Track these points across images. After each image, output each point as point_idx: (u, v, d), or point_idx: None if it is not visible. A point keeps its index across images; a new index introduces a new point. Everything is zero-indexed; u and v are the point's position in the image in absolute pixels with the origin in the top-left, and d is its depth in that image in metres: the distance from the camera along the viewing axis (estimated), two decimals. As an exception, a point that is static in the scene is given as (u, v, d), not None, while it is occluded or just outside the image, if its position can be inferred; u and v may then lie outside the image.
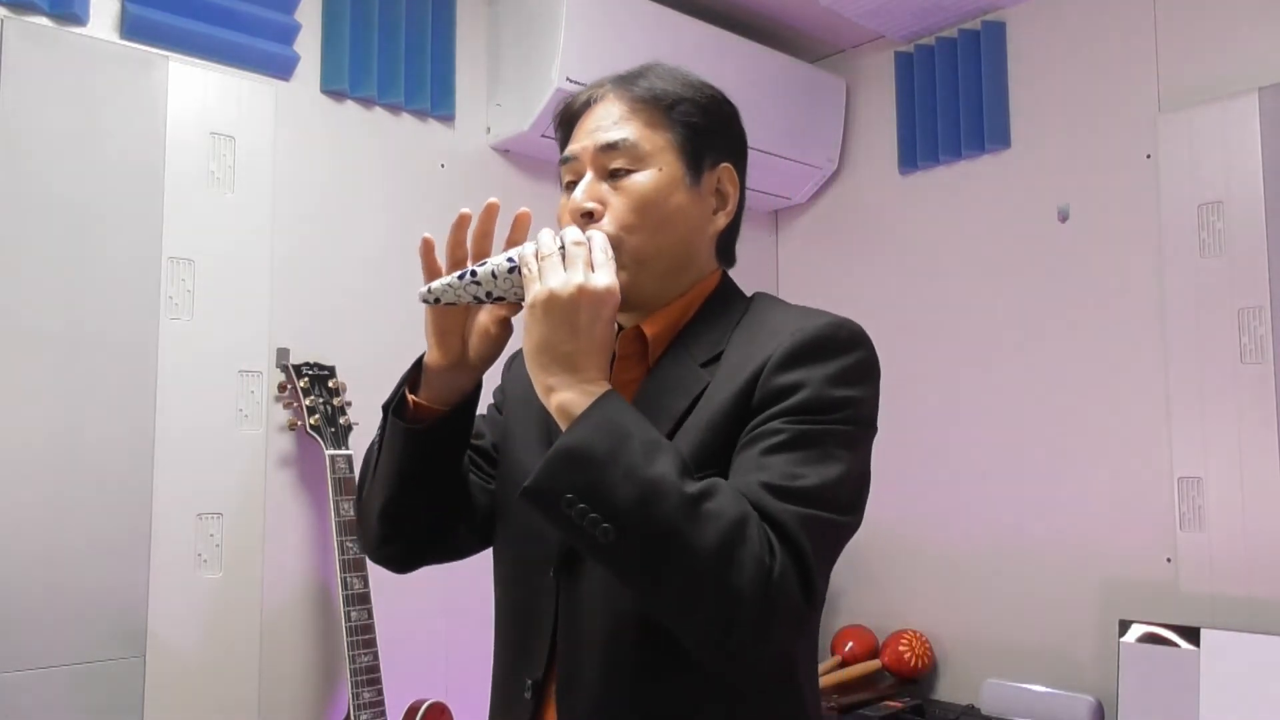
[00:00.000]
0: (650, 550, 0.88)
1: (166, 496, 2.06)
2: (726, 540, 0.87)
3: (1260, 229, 2.25)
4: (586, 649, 1.02)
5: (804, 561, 0.91)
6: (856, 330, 1.05)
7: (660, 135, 1.09)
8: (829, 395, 0.99)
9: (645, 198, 1.07)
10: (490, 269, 1.04)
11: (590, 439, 0.91)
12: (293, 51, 2.33)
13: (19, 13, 1.98)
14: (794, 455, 0.95)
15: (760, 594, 0.87)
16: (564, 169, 1.13)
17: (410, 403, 1.12)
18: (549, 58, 2.46)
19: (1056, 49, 2.69)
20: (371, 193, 2.46)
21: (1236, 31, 2.36)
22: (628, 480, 0.88)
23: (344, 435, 2.21)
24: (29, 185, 1.96)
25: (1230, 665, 2.16)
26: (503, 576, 1.17)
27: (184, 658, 2.06)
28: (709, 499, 0.89)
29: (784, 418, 0.97)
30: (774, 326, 1.06)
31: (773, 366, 1.00)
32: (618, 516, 0.88)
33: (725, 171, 1.14)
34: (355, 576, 2.10)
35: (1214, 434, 2.30)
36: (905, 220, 3.00)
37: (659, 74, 1.13)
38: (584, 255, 0.99)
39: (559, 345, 0.96)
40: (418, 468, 1.12)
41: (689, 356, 1.08)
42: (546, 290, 0.96)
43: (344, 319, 2.38)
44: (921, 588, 2.84)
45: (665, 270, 1.10)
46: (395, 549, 1.19)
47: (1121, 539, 2.46)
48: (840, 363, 1.01)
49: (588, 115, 1.12)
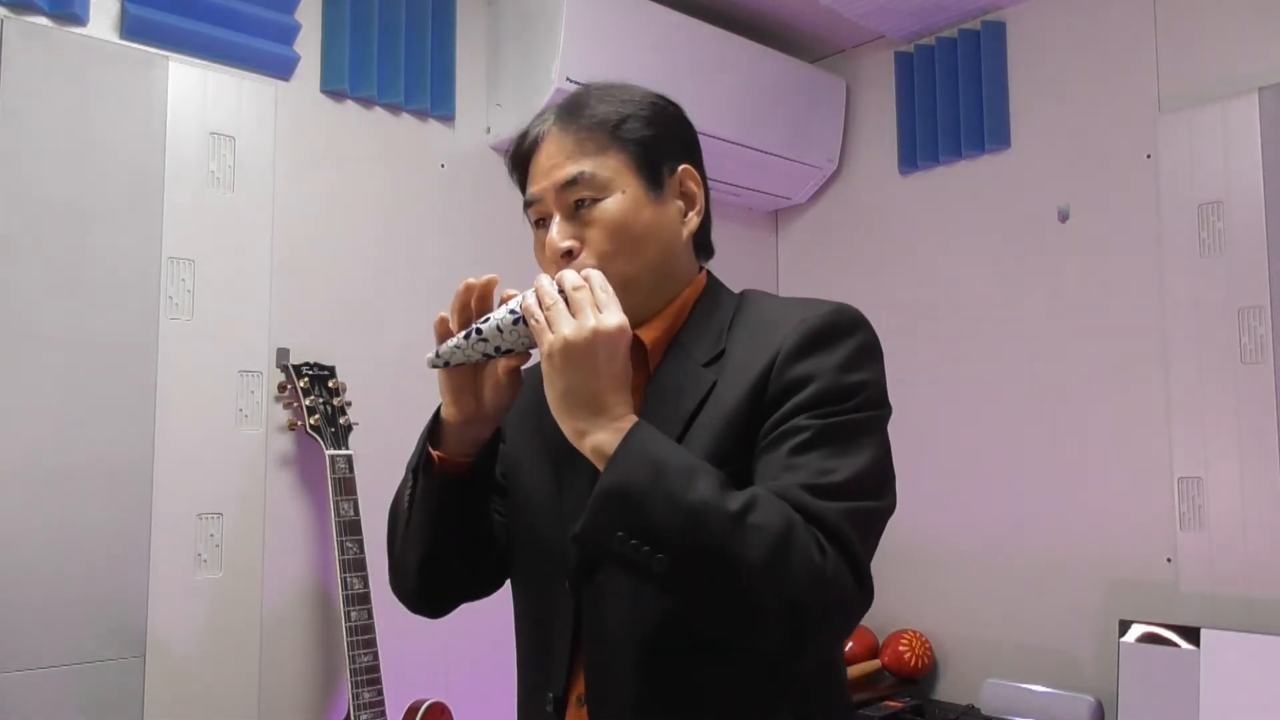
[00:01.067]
0: (705, 572, 0.91)
1: (166, 496, 2.06)
2: (777, 549, 0.89)
3: (1260, 229, 2.25)
4: (613, 659, 1.03)
5: (853, 555, 0.93)
6: (855, 314, 1.07)
7: (614, 158, 1.10)
8: (843, 383, 1.01)
9: (616, 223, 1.08)
10: (495, 324, 1.05)
11: (628, 476, 0.93)
12: (293, 51, 2.33)
13: (19, 13, 1.98)
14: (822, 451, 0.97)
15: (819, 594, 0.90)
16: (529, 211, 1.16)
17: (435, 458, 1.14)
18: (549, 58, 2.46)
19: (1056, 49, 2.69)
20: (371, 193, 2.46)
21: (1236, 31, 2.36)
22: (672, 510, 0.91)
23: (344, 435, 2.21)
24: (29, 185, 1.96)
25: (1230, 665, 2.16)
26: (520, 594, 1.19)
27: (184, 658, 2.06)
28: (752, 512, 0.91)
29: (805, 413, 0.99)
30: (774, 319, 1.07)
31: (783, 359, 1.02)
32: (668, 546, 0.90)
33: (685, 173, 1.15)
34: (355, 576, 2.10)
35: (1214, 434, 2.29)
36: (905, 220, 3.00)
37: (598, 96, 1.14)
38: (588, 298, 1.00)
39: (582, 390, 0.98)
40: (451, 519, 1.14)
41: (689, 358, 1.09)
42: (561, 339, 0.97)
43: (344, 319, 2.38)
44: (921, 588, 2.84)
45: (651, 284, 1.11)
46: (434, 598, 1.22)
47: (1121, 539, 2.46)
48: (847, 348, 1.03)
49: (538, 153, 1.14)
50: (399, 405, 2.42)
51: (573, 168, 1.10)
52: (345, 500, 2.13)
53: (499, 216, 2.63)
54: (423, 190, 2.55)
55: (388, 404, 2.40)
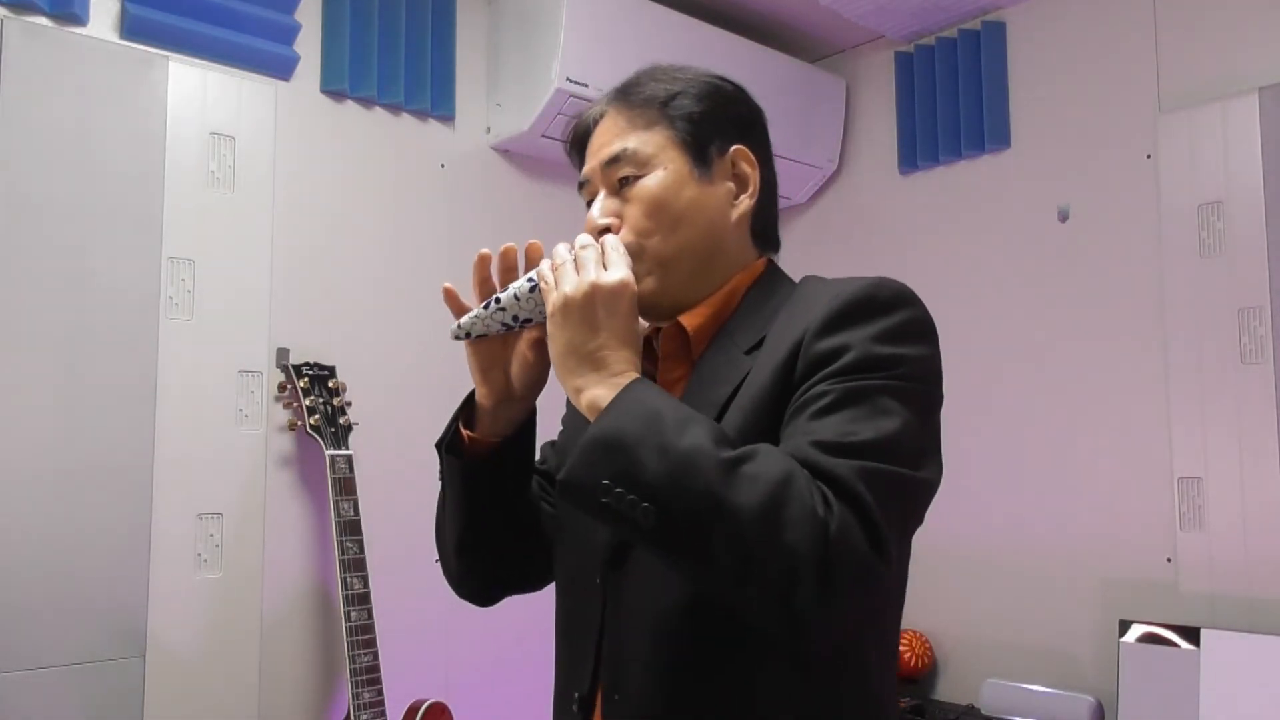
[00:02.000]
0: (693, 523, 0.85)
1: (166, 496, 2.06)
2: (772, 499, 0.82)
3: (1260, 229, 2.25)
4: (630, 657, 1.00)
5: (867, 514, 0.84)
6: (900, 288, 0.99)
7: (659, 135, 1.08)
8: (876, 353, 0.92)
9: (655, 199, 1.06)
10: (513, 293, 1.04)
11: (619, 423, 0.89)
12: (293, 51, 2.33)
13: (19, 13, 1.98)
14: (844, 414, 0.89)
15: (819, 550, 0.82)
16: (582, 193, 1.13)
17: (465, 438, 1.12)
18: (549, 58, 2.46)
19: (1056, 49, 2.69)
20: (371, 193, 2.46)
21: (1236, 31, 2.36)
22: (661, 457, 0.86)
23: (344, 435, 2.21)
24: (29, 185, 1.96)
25: (1230, 665, 2.16)
26: (558, 590, 1.16)
27: (184, 658, 2.06)
28: (747, 462, 0.85)
29: (830, 380, 0.92)
30: (814, 298, 1.01)
31: (813, 333, 0.95)
32: (655, 495, 0.85)
33: (739, 154, 1.11)
34: (355, 576, 2.10)
35: (1214, 434, 2.29)
36: (905, 220, 3.00)
37: (653, 75, 1.12)
38: (595, 255, 0.98)
39: (581, 346, 0.95)
40: (482, 500, 1.12)
41: (733, 345, 1.05)
42: (562, 296, 0.96)
43: (344, 319, 2.38)
44: (921, 588, 2.82)
45: (693, 267, 1.07)
46: (476, 583, 1.20)
47: (1121, 539, 2.46)
48: (885, 322, 0.95)
49: (593, 136, 1.12)
50: (399, 405, 2.43)
51: (617, 145, 1.08)
52: (345, 500, 2.13)
53: (499, 216, 2.63)
54: (423, 190, 2.55)
55: (388, 404, 2.40)
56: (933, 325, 0.99)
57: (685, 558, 0.88)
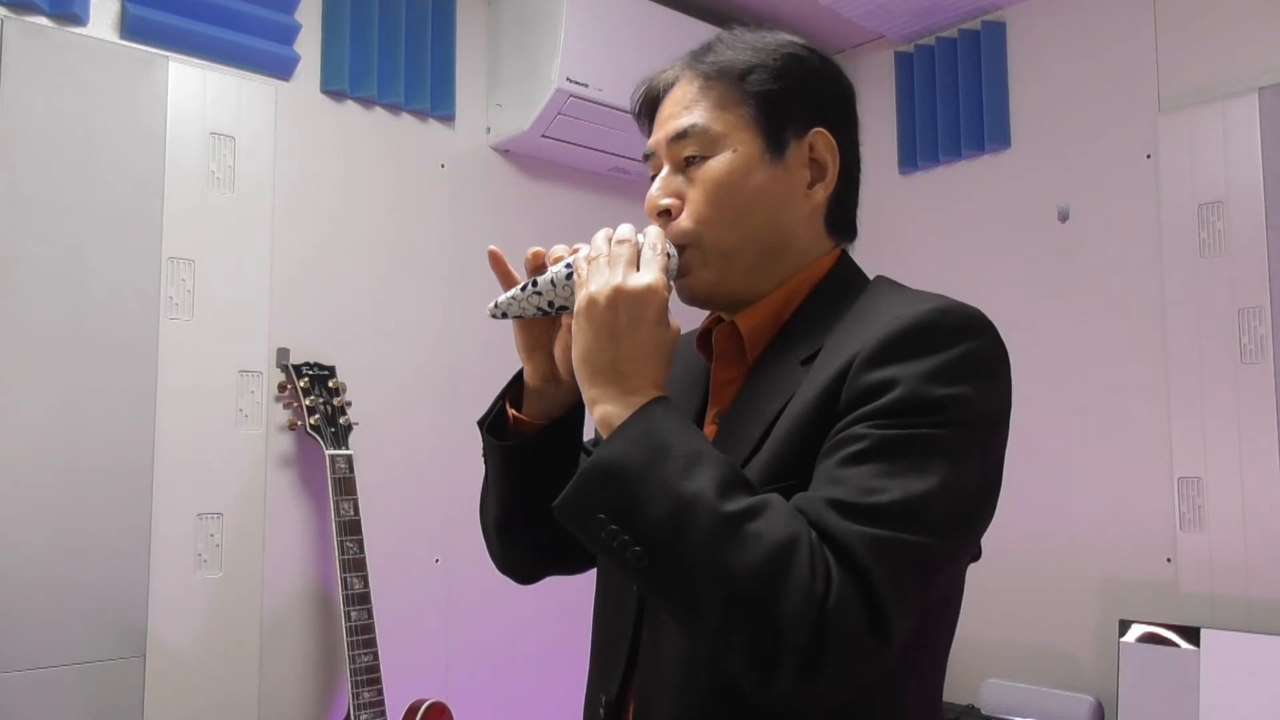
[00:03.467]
0: (684, 576, 0.79)
1: (166, 496, 2.06)
2: (769, 565, 0.76)
3: (1260, 229, 2.25)
4: (664, 674, 0.94)
5: (870, 589, 0.77)
6: (970, 315, 0.89)
7: (732, 113, 0.99)
8: (926, 394, 0.83)
9: (719, 185, 0.98)
10: (550, 278, 0.99)
11: (624, 454, 0.83)
12: (293, 51, 2.33)
13: (19, 13, 1.98)
14: (876, 466, 0.81)
15: (809, 627, 0.75)
16: (648, 165, 1.05)
17: (511, 418, 1.07)
18: (549, 58, 2.46)
19: (1056, 49, 2.69)
20: (371, 193, 2.46)
21: (1236, 31, 2.36)
22: (660, 498, 0.80)
23: (344, 435, 2.21)
24: (29, 185, 1.96)
25: (1230, 665, 2.16)
26: (598, 591, 1.11)
27: (184, 658, 2.06)
28: (753, 518, 0.78)
29: (869, 421, 0.83)
30: (876, 313, 0.92)
31: (862, 361, 0.86)
32: (648, 540, 0.80)
33: (818, 137, 1.00)
34: (355, 576, 2.10)
35: (1214, 434, 2.29)
36: (905, 220, 3.00)
37: (729, 42, 1.03)
38: (627, 254, 0.91)
39: (600, 353, 0.89)
40: (523, 482, 1.06)
41: (790, 354, 0.96)
42: (586, 295, 0.90)
43: (344, 319, 2.38)
44: (921, 588, 2.84)
45: (755, 260, 0.99)
46: (516, 561, 1.15)
47: (1121, 539, 2.46)
48: (943, 356, 0.85)
49: (664, 101, 1.04)
50: (399, 405, 2.43)
51: (686, 119, 0.99)
52: (345, 500, 2.13)
53: (499, 216, 2.63)
54: (423, 190, 2.55)
55: (388, 404, 2.40)
56: (1002, 356, 0.91)
57: (672, 608, 0.84)
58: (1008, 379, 0.91)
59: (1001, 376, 0.91)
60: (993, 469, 0.91)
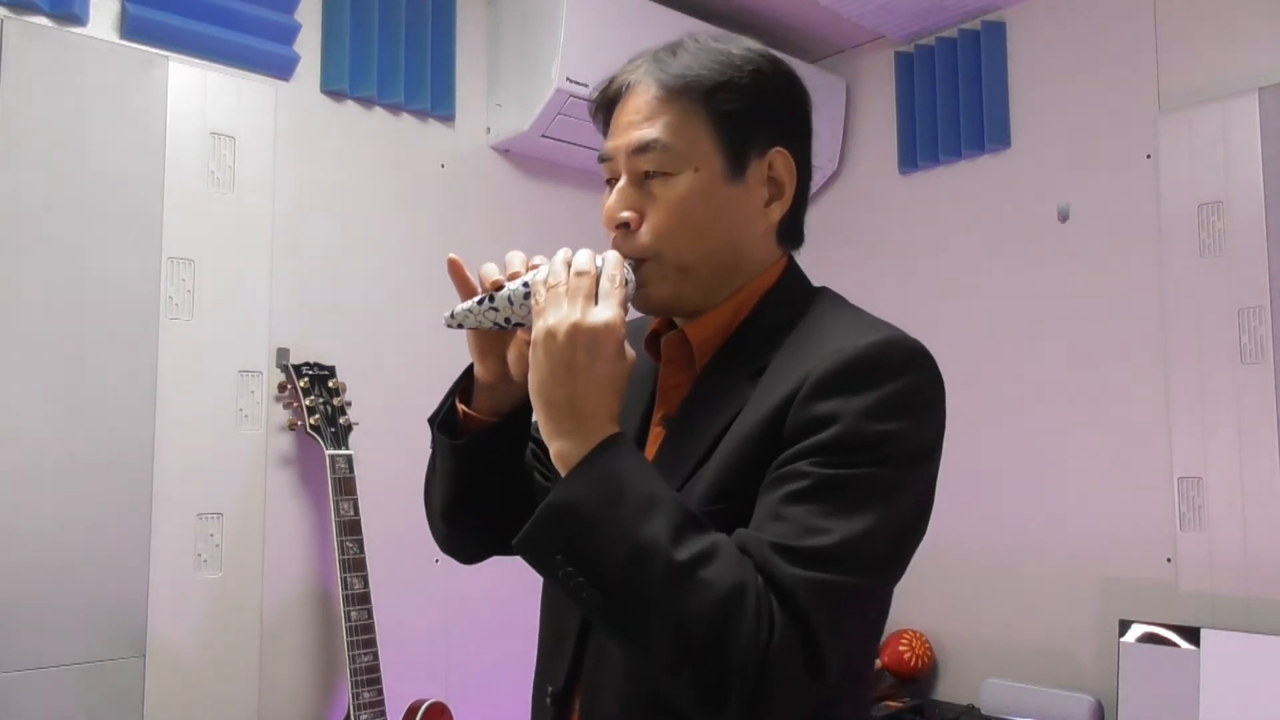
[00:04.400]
0: (636, 619, 0.83)
1: (166, 496, 2.06)
2: (719, 613, 0.81)
3: (1260, 229, 2.25)
4: (613, 662, 0.97)
5: (810, 633, 0.82)
6: (911, 349, 0.93)
7: (696, 130, 0.99)
8: (865, 431, 0.87)
9: (682, 204, 0.99)
10: (508, 294, 1.00)
11: (580, 496, 0.85)
12: (293, 51, 2.33)
13: (19, 13, 1.98)
14: (816, 506, 0.86)
15: (754, 670, 0.80)
16: (602, 167, 1.05)
17: (460, 413, 1.08)
18: (549, 58, 2.46)
19: (1056, 49, 2.69)
20: (371, 193, 2.46)
21: (1236, 31, 2.36)
22: (615, 543, 0.83)
23: (344, 435, 2.21)
24: (29, 185, 1.96)
25: (1230, 665, 2.16)
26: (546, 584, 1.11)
27: (184, 658, 2.06)
28: (703, 565, 0.82)
29: (811, 458, 0.87)
30: (821, 338, 0.95)
31: (807, 392, 0.89)
32: (603, 583, 0.83)
33: (778, 157, 1.02)
34: (355, 576, 2.10)
35: (1214, 434, 2.29)
36: (905, 220, 3.00)
37: (695, 51, 1.02)
38: (586, 287, 0.91)
39: (556, 388, 0.89)
40: (471, 475, 1.08)
41: (737, 368, 0.99)
42: (544, 328, 0.90)
43: (344, 319, 2.38)
44: (921, 588, 2.83)
45: (711, 276, 1.01)
46: (460, 544, 1.17)
47: (1121, 539, 2.46)
48: (883, 391, 0.89)
49: (622, 104, 1.03)
50: (399, 405, 2.43)
51: (649, 132, 0.99)
52: (345, 500, 2.14)
53: (499, 216, 2.63)
54: (423, 190, 2.55)
55: (388, 404, 2.40)
56: (938, 388, 0.95)
57: (622, 644, 0.88)
58: (942, 410, 0.96)
59: (936, 408, 0.95)
60: (923, 499, 0.95)
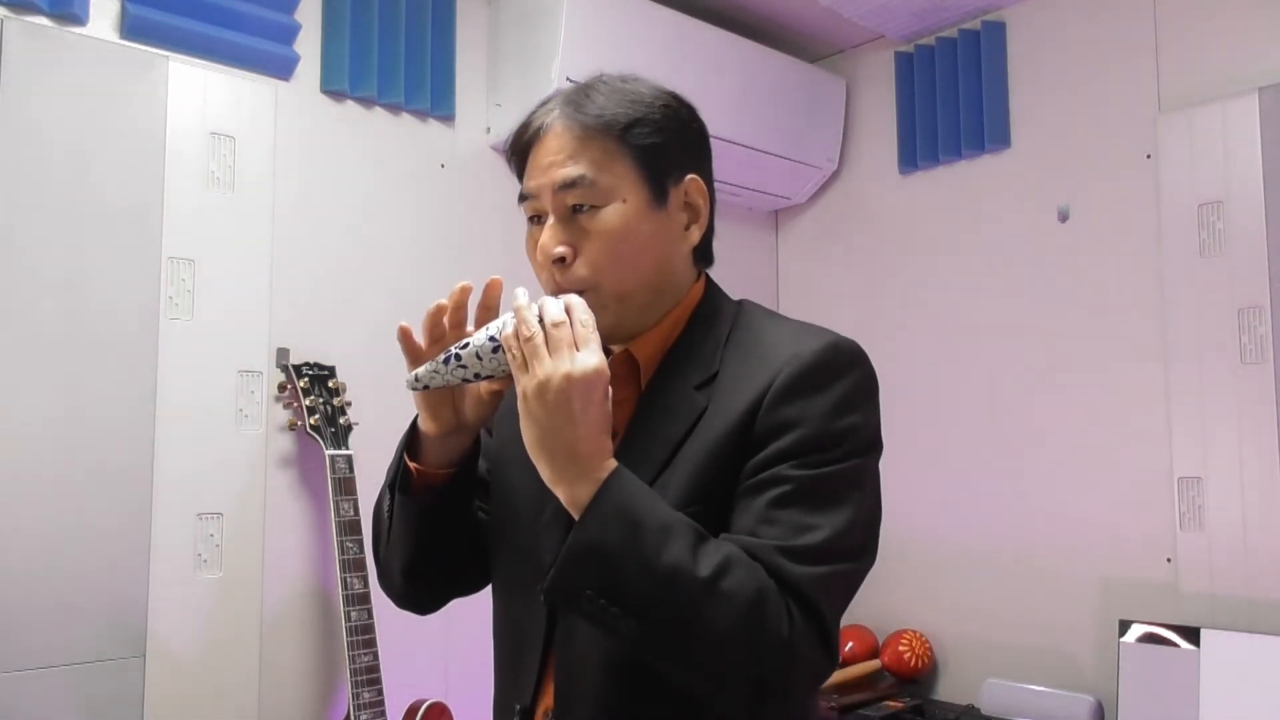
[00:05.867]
0: (673, 638, 0.90)
1: (166, 496, 2.06)
2: (746, 620, 0.89)
3: (1260, 229, 2.25)
4: (582, 671, 1.01)
5: (822, 623, 0.93)
6: (852, 349, 1.03)
7: (618, 164, 1.04)
8: (832, 429, 0.98)
9: (614, 235, 1.03)
10: (474, 350, 1.01)
11: (602, 534, 0.90)
12: (293, 51, 2.33)
13: (19, 13, 1.98)
14: (802, 507, 0.95)
15: (784, 667, 0.90)
16: (523, 206, 1.10)
17: (414, 471, 1.11)
18: (549, 58, 2.46)
19: (1056, 49, 2.69)
20: (371, 193, 2.46)
21: (1236, 31, 2.36)
22: (642, 575, 0.89)
23: (344, 435, 2.21)
24: (29, 185, 1.96)
25: (1230, 665, 2.16)
26: (497, 596, 1.16)
27: (184, 658, 2.06)
28: (724, 577, 0.89)
29: (789, 461, 0.96)
30: (767, 346, 1.04)
31: (772, 399, 0.98)
32: (637, 611, 0.89)
33: (691, 184, 1.09)
34: (355, 576, 2.10)
35: (1214, 434, 2.29)
36: (905, 220, 3.00)
37: (606, 92, 1.07)
38: (567, 336, 0.94)
39: (557, 435, 0.93)
40: (432, 530, 1.12)
41: (682, 379, 1.05)
42: (535, 381, 0.93)
43: (344, 319, 2.38)
44: (921, 588, 2.84)
45: (646, 300, 1.07)
46: (420, 597, 1.21)
47: (1121, 539, 2.46)
48: (839, 389, 0.99)
49: (539, 146, 1.07)
50: (399, 405, 2.42)
51: (573, 169, 1.03)
52: (345, 500, 2.13)
53: (499, 216, 2.63)
54: (423, 190, 2.55)
55: (388, 404, 2.39)
56: (876, 381, 1.05)
57: (662, 663, 0.94)
58: (878, 401, 1.06)
59: (876, 400, 1.05)
60: (877, 484, 1.05)
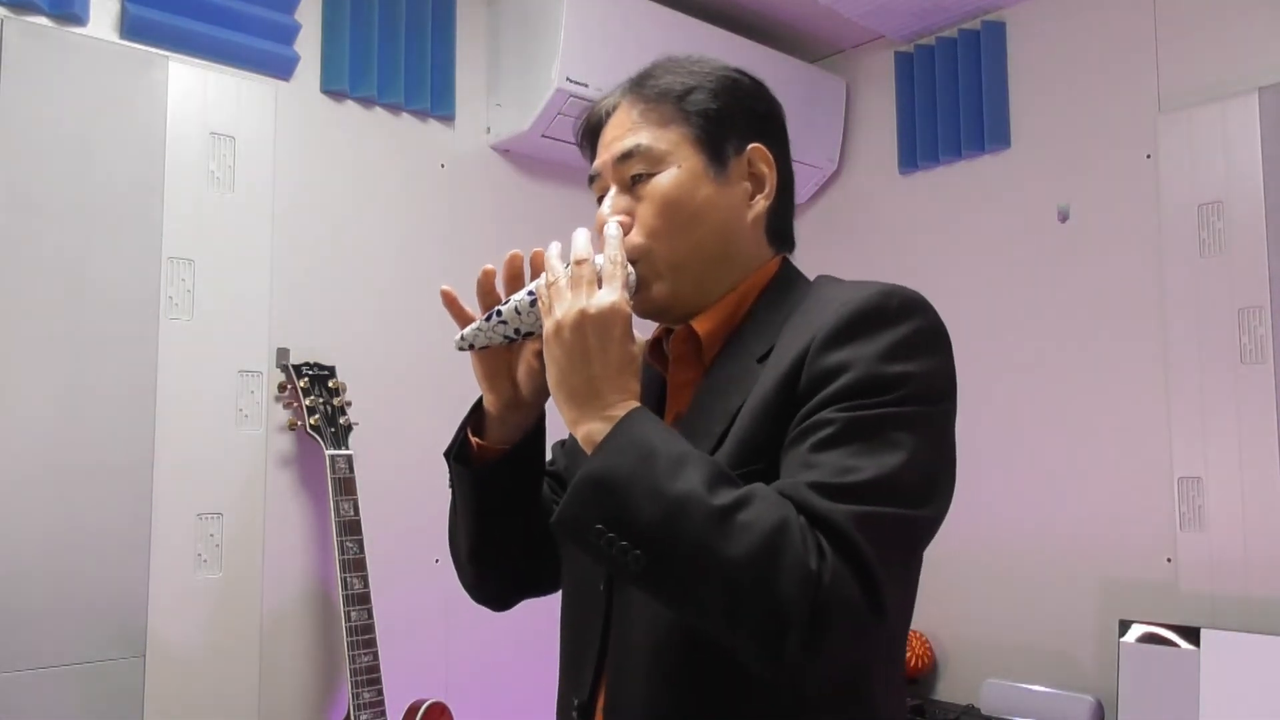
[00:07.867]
0: (683, 572, 0.83)
1: (166, 496, 2.06)
2: (763, 550, 0.80)
3: (1260, 229, 2.25)
4: (632, 667, 0.98)
5: (863, 562, 0.82)
6: (910, 297, 0.95)
7: (674, 131, 1.04)
8: (881, 373, 0.89)
9: (668, 199, 1.02)
10: (514, 305, 1.02)
11: (612, 463, 0.86)
12: (293, 51, 2.33)
13: (19, 13, 1.98)
14: (846, 449, 0.86)
15: (809, 603, 0.79)
16: (593, 187, 1.10)
17: (474, 445, 1.10)
18: (549, 58, 2.46)
19: (1056, 49, 2.69)
20: (371, 193, 2.46)
21: (1236, 31, 2.36)
22: (651, 501, 0.83)
23: (344, 435, 2.21)
24: (29, 185, 1.96)
25: (1230, 665, 2.16)
26: (564, 594, 1.15)
27: (184, 658, 2.06)
28: (742, 509, 0.82)
29: (833, 405, 0.88)
30: (823, 304, 0.97)
31: (818, 346, 0.91)
32: (645, 541, 0.83)
33: (756, 152, 1.07)
34: (355, 576, 2.10)
35: (1214, 434, 2.29)
36: (905, 220, 3.00)
37: (667, 68, 1.08)
38: (587, 274, 0.93)
39: (574, 375, 0.92)
40: (493, 509, 1.11)
41: (745, 353, 1.01)
42: (554, 322, 0.93)
43: (344, 319, 2.38)
44: (921, 588, 2.82)
45: (704, 270, 1.04)
46: (491, 588, 1.20)
47: (1121, 539, 2.46)
48: (892, 335, 0.91)
49: (605, 127, 1.09)
50: (399, 405, 2.43)
51: (630, 140, 1.04)
52: (345, 500, 2.13)
53: (499, 216, 2.63)
54: (423, 190, 2.55)
55: (388, 404, 2.40)
56: (944, 332, 0.96)
57: (674, 602, 0.88)
58: (950, 354, 0.96)
59: (944, 351, 0.95)
60: (947, 440, 0.95)
